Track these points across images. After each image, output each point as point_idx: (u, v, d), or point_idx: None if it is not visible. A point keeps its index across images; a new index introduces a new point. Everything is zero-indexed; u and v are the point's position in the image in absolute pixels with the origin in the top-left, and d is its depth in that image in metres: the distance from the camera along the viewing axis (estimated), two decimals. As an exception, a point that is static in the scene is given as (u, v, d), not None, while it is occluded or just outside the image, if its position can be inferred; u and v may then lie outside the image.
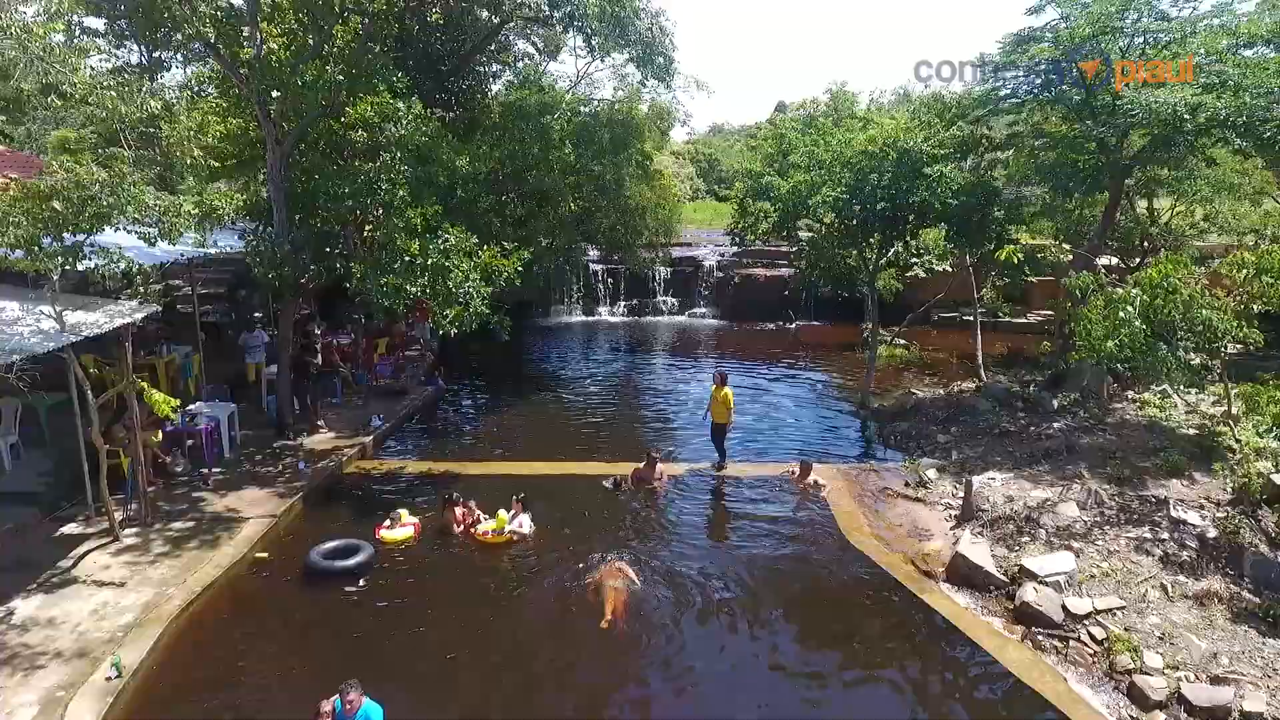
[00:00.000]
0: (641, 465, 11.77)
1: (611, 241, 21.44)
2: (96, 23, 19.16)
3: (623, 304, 27.05)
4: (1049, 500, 10.23)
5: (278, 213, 12.03)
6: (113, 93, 8.28)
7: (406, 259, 10.99)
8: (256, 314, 20.02)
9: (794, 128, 15.97)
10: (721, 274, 27.00)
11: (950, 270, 23.80)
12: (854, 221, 13.95)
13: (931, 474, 11.59)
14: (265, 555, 9.52)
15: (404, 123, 11.29)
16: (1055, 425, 12.76)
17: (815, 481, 11.56)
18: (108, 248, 8.04)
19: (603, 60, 20.75)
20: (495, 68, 23.03)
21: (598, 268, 26.55)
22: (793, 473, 11.88)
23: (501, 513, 10.06)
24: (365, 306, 12.92)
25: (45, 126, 30.33)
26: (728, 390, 12.13)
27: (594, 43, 18.23)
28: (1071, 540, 9.25)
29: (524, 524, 9.97)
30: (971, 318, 24.92)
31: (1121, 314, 8.85)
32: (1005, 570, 8.84)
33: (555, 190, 17.93)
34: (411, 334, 19.84)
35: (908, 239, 14.56)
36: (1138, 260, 17.81)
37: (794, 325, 25.47)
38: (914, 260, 20.82)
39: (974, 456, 12.14)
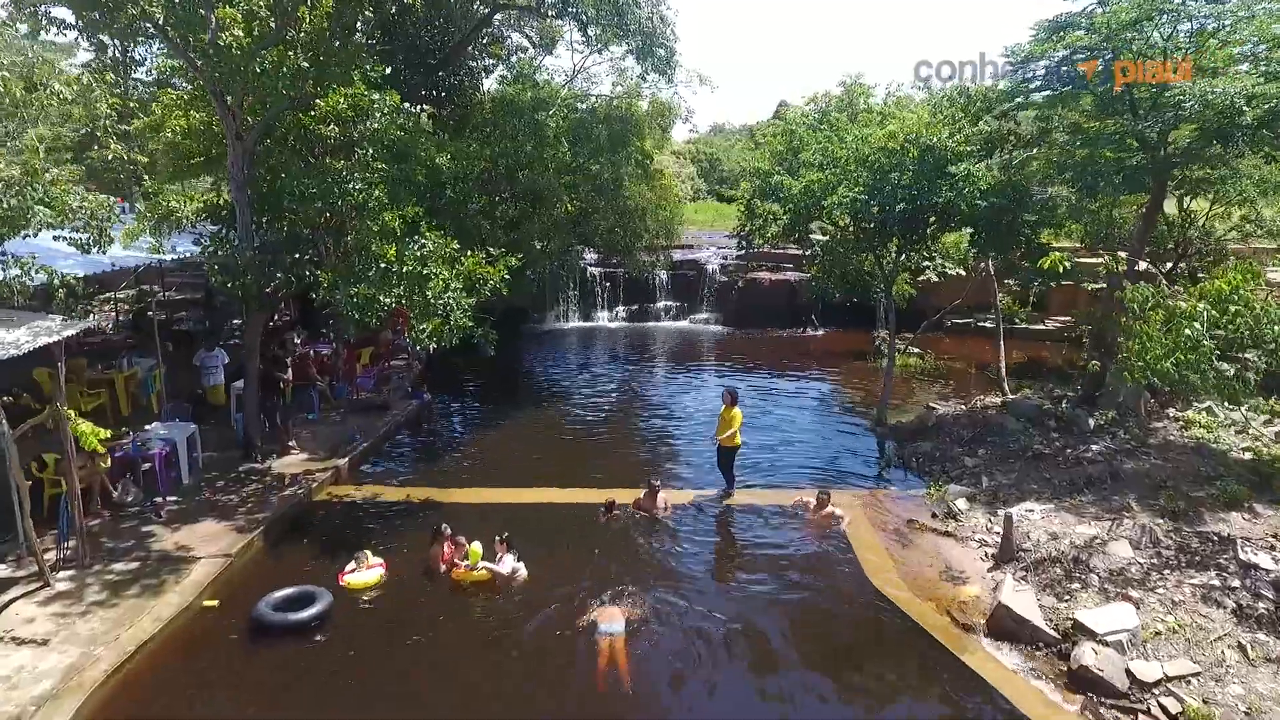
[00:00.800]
0: (642, 495, 10.68)
1: (609, 244, 20.36)
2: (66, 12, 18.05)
3: (621, 309, 25.94)
4: (1098, 538, 9.12)
5: (241, 215, 10.94)
6: (4, 73, 7.18)
7: (382, 266, 9.92)
8: (235, 320, 18.97)
9: (805, 123, 14.87)
10: (725, 278, 25.88)
11: (964, 274, 22.77)
12: (871, 224, 12.84)
13: (961, 504, 10.48)
14: (215, 603, 8.41)
15: (378, 116, 10.19)
16: (1094, 447, 11.66)
17: (834, 513, 10.45)
18: (21, 257, 6.94)
19: (600, 53, 19.69)
20: (488, 62, 21.92)
21: (595, 271, 25.46)
22: (807, 503, 10.77)
23: (475, 545, 9.01)
24: (335, 319, 11.80)
25: (23, 125, 29.29)
26: (737, 411, 11.04)
27: (590, 33, 17.13)
28: (1129, 588, 8.14)
29: (507, 564, 8.88)
30: (988, 324, 23.98)
31: (1188, 331, 7.73)
32: (1056, 624, 7.73)
33: (549, 191, 16.85)
34: (398, 342, 18.71)
35: (928, 243, 13.45)
36: (1169, 266, 16.72)
37: (818, 333, 24.21)
38: (926, 264, 19.77)
39: (1007, 484, 11.03)
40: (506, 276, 10.90)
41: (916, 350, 19.85)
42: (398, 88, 20.12)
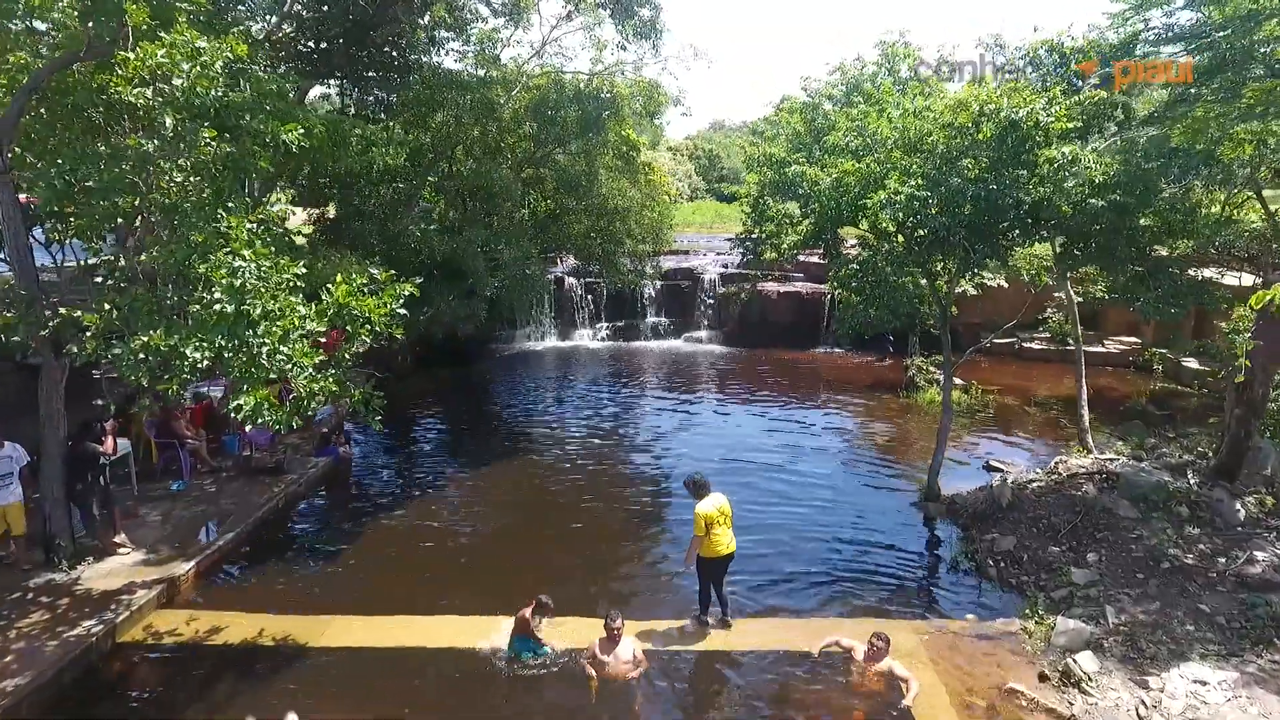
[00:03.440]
0: (597, 641, 7.09)
1: (584, 251, 16.80)
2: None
3: (605, 326, 22.36)
4: (1341, 755, 5.56)
5: (6, 223, 7.40)
6: None
7: (214, 295, 6.33)
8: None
9: (831, 95, 11.25)
10: (725, 289, 22.31)
11: (1005, 285, 19.24)
12: (926, 231, 9.20)
13: (1086, 661, 6.88)
14: None
15: (187, 69, 6.58)
16: (1260, 556, 8.07)
17: (891, 672, 6.88)
18: None
19: (570, 18, 16.06)
20: (443, 34, 18.30)
21: (574, 282, 21.91)
22: (849, 651, 7.20)
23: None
24: (111, 390, 8.18)
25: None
26: (702, 508, 7.45)
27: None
28: None
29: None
30: (1035, 345, 20.45)
31: None
32: None
33: (503, 187, 13.29)
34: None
35: (1003, 256, 9.80)
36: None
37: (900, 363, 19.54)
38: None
39: (1145, 619, 7.43)
40: (401, 311, 7.31)
41: (960, 381, 16.28)
42: (330, 65, 16.72)
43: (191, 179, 7.09)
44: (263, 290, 6.12)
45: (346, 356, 7.21)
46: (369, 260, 11.28)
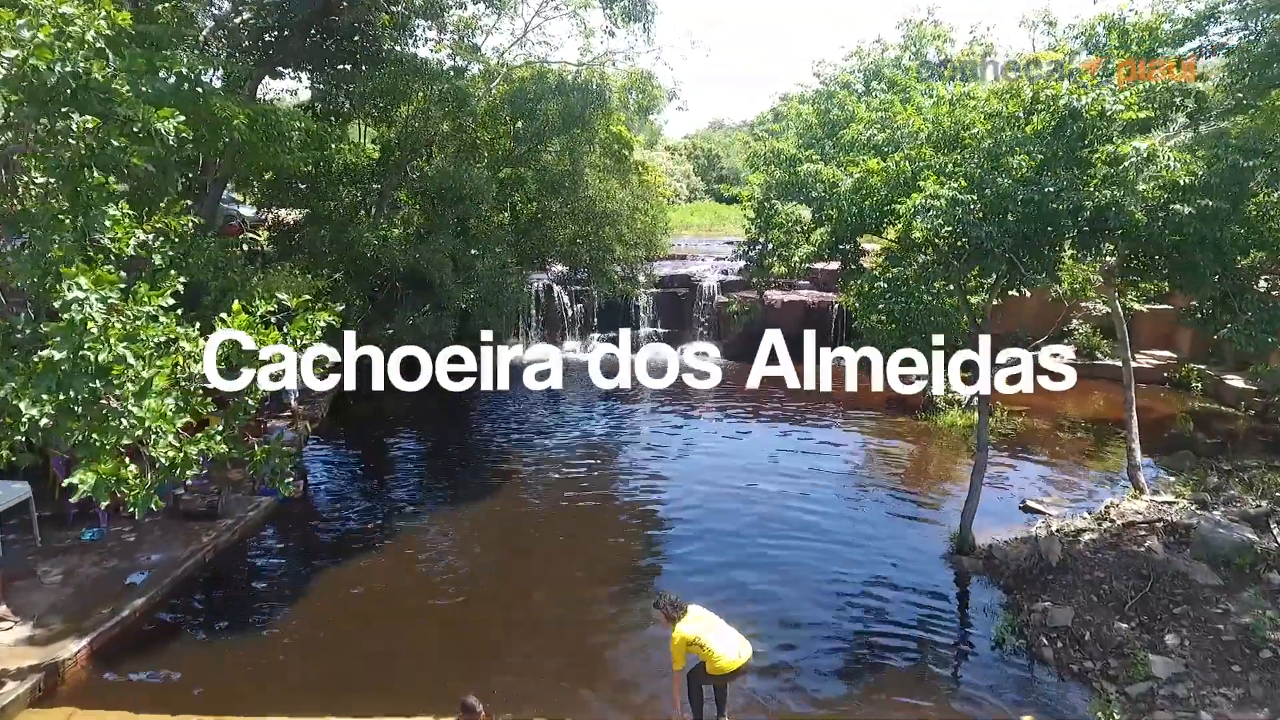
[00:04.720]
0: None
1: (570, 258, 15.32)
2: None
3: (596, 338, 20.86)
4: None
5: None
6: None
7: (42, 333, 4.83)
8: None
9: (848, 83, 9.74)
10: (724, 299, 20.81)
11: (1027, 294, 17.76)
12: (966, 243, 7.70)
13: (1189, 797, 5.40)
14: None
15: (30, 40, 5.08)
16: (1382, 643, 6.59)
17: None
18: None
19: (556, 3, 14.60)
20: (416, 21, 16.82)
21: (560, 289, 20.41)
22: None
23: None
24: None
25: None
26: (679, 630, 5.89)
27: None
28: None
29: None
30: (1061, 361, 18.88)
31: None
32: None
33: (474, 188, 11.79)
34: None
35: (1052, 269, 8.28)
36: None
37: None
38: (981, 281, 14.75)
39: (1253, 731, 5.96)
40: (323, 347, 5.81)
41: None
42: (290, 53, 15.27)
43: (52, 180, 5.60)
44: (116, 327, 4.61)
45: (248, 404, 5.72)
46: (317, 273, 9.85)
